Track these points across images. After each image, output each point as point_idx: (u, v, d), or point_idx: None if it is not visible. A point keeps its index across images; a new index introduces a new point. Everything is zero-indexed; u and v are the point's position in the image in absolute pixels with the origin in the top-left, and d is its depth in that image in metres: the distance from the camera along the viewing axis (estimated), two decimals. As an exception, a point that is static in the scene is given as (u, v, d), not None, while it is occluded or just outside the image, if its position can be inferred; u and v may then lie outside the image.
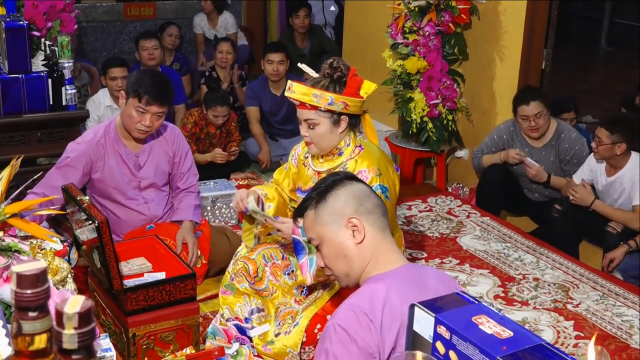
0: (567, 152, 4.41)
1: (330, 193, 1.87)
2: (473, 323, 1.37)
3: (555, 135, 4.44)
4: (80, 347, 1.01)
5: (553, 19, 4.73)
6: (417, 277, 1.82)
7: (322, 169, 2.88)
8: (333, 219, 1.85)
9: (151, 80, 3.27)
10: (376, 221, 1.86)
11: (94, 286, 3.08)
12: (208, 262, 3.57)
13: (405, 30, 4.81)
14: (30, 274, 1.01)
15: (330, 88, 2.76)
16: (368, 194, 1.89)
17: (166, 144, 3.53)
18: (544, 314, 3.56)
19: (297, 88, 2.77)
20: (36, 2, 3.79)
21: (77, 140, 3.42)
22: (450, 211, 4.70)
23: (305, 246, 2.75)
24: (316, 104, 2.74)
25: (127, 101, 3.28)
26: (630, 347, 3.31)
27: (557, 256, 4.12)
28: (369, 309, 1.71)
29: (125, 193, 3.46)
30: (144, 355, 2.79)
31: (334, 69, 2.77)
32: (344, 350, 1.69)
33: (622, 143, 4.01)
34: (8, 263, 1.99)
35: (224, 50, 5.95)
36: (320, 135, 2.81)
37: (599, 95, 8.14)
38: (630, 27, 10.82)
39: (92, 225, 2.62)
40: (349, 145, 2.85)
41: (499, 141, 4.60)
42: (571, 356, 1.30)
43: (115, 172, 3.41)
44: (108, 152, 3.39)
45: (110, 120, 3.49)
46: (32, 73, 3.70)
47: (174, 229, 3.53)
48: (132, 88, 3.25)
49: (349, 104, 2.75)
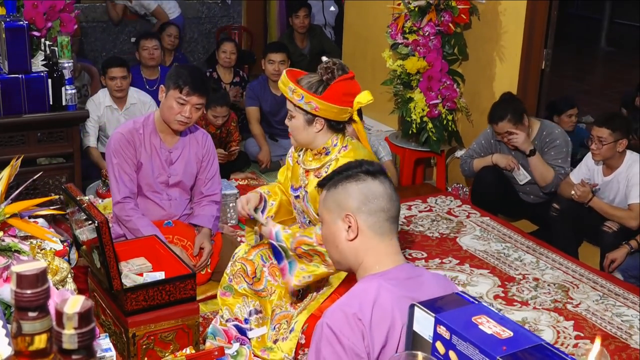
0: (548, 144, 4.41)
1: (343, 182, 1.86)
2: (473, 323, 1.37)
3: (537, 135, 4.45)
4: (80, 347, 1.01)
5: (553, 19, 4.73)
6: (411, 278, 1.82)
7: (311, 167, 2.90)
8: (334, 208, 1.86)
9: (190, 73, 3.40)
10: (375, 224, 1.84)
11: (94, 286, 3.07)
12: (212, 272, 3.62)
13: (405, 30, 4.81)
14: (30, 274, 1.01)
15: (313, 87, 2.75)
16: (378, 196, 1.84)
17: (197, 145, 3.61)
18: (543, 314, 3.56)
19: (282, 77, 2.80)
20: (36, 2, 3.79)
21: (119, 130, 3.52)
22: (450, 211, 4.70)
23: (281, 251, 2.77)
24: (289, 97, 2.76)
25: (167, 94, 3.38)
26: (630, 347, 3.31)
27: (557, 256, 4.12)
28: (358, 308, 1.72)
29: (151, 185, 3.55)
30: (144, 355, 2.78)
31: (325, 70, 2.76)
32: (331, 350, 1.71)
33: (624, 139, 4.02)
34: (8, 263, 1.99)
35: (228, 50, 5.95)
36: (295, 128, 2.85)
37: (599, 95, 8.14)
38: (630, 27, 10.82)
39: (92, 226, 2.62)
40: (336, 145, 2.86)
41: (486, 145, 4.62)
42: (571, 356, 1.30)
43: (147, 164, 3.50)
44: (145, 143, 3.48)
45: (150, 113, 3.58)
46: (32, 73, 3.70)
47: (191, 232, 3.60)
48: (172, 80, 3.36)
49: (319, 107, 2.72)
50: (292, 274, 2.75)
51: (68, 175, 3.92)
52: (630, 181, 4.04)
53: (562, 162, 4.38)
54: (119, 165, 3.44)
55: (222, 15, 7.43)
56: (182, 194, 3.65)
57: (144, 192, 3.56)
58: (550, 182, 4.36)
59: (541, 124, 4.48)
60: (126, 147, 3.44)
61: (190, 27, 7.23)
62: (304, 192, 2.90)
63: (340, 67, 2.75)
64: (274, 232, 2.81)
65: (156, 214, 3.58)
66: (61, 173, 3.92)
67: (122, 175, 3.44)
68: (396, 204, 1.87)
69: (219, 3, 7.38)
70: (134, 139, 3.46)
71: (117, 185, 3.45)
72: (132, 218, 3.42)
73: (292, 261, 2.77)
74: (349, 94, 2.75)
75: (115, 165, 3.45)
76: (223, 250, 3.63)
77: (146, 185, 3.55)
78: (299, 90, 2.73)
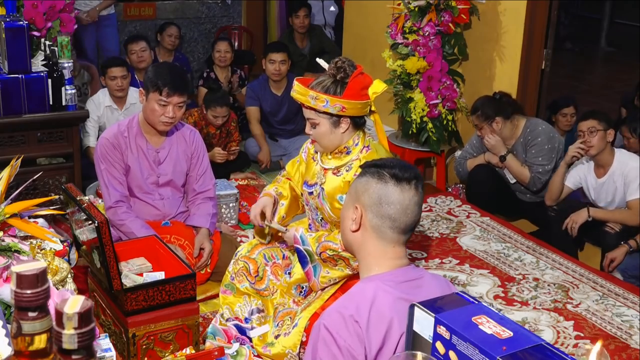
0: (530, 142, 4.43)
1: (368, 175, 1.84)
2: (473, 323, 1.37)
3: (522, 132, 4.47)
4: (80, 347, 1.01)
5: (553, 19, 4.73)
6: (409, 280, 1.82)
7: (329, 166, 2.88)
8: (353, 194, 1.88)
9: (169, 72, 3.35)
10: (379, 228, 1.82)
11: (94, 286, 3.07)
12: (212, 272, 3.61)
13: (405, 31, 4.81)
14: (30, 274, 1.01)
15: (331, 89, 2.74)
16: (392, 203, 1.79)
17: (185, 143, 3.59)
18: (543, 314, 3.56)
19: (297, 88, 2.77)
20: (36, 3, 3.79)
21: (104, 135, 3.50)
22: (450, 211, 4.70)
23: (307, 254, 2.78)
24: (313, 106, 2.74)
25: (148, 97, 3.35)
26: (630, 347, 3.31)
27: (557, 256, 4.12)
28: (355, 310, 1.73)
29: (141, 187, 3.54)
30: (144, 355, 2.78)
31: (338, 69, 2.75)
32: (327, 351, 1.72)
33: (611, 129, 4.05)
34: (8, 263, 1.99)
35: (222, 49, 5.95)
36: (321, 135, 2.81)
37: (599, 95, 8.14)
38: (630, 27, 10.83)
39: (92, 226, 2.62)
40: (357, 144, 2.84)
41: (478, 145, 4.67)
42: (571, 356, 1.30)
43: (135, 166, 3.49)
44: (131, 145, 3.46)
45: (134, 116, 3.56)
46: (32, 73, 3.70)
47: (189, 231, 3.60)
48: (151, 82, 3.32)
49: (346, 107, 2.72)
50: (317, 277, 2.80)
51: (68, 175, 3.92)
52: (627, 177, 4.03)
53: (543, 160, 4.38)
54: (107, 170, 3.43)
55: (222, 15, 7.43)
56: (174, 192, 3.63)
57: (135, 194, 3.55)
58: (529, 181, 4.40)
59: (526, 121, 4.49)
60: (112, 152, 3.42)
61: (190, 27, 7.22)
62: (319, 189, 2.89)
63: (350, 63, 2.77)
64: (298, 236, 2.83)
65: (151, 214, 3.57)
66: (61, 173, 3.92)
67: (111, 180, 3.43)
68: (411, 217, 1.82)
69: (219, 3, 7.38)
70: (119, 142, 3.43)
71: (108, 191, 3.44)
72: (125, 222, 3.40)
73: (316, 265, 2.81)
74: (365, 87, 2.77)
75: (103, 171, 3.43)
76: (222, 250, 3.63)
77: (137, 187, 3.53)
78: (322, 96, 2.71)
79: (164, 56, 6.25)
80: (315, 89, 2.73)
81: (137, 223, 3.41)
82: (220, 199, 4.33)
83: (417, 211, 1.84)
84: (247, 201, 4.64)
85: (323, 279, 2.80)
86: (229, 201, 4.37)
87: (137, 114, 3.54)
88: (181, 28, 6.65)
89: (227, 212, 4.38)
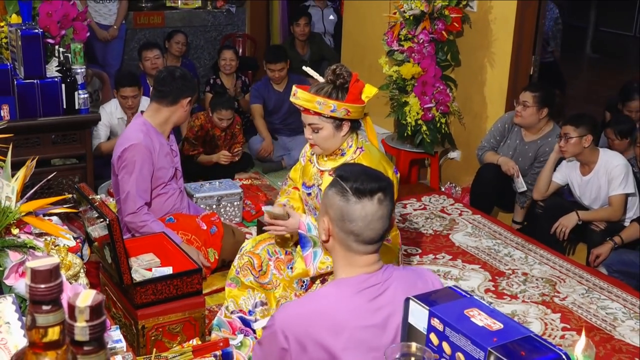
0: (544, 155, 4.40)
1: (333, 190, 1.76)
2: (465, 316, 1.37)
3: (545, 135, 4.44)
4: (92, 339, 1.01)
5: (541, 27, 4.72)
6: (374, 285, 1.77)
7: (325, 168, 2.88)
8: (322, 205, 1.83)
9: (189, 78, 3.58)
10: (345, 241, 1.76)
11: (105, 280, 3.07)
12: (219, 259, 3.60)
13: (400, 38, 4.80)
14: (44, 270, 1.00)
15: (333, 95, 2.74)
16: (354, 219, 1.72)
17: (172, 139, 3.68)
18: (532, 307, 3.55)
19: (301, 95, 2.76)
20: (50, 11, 3.79)
21: (134, 142, 3.39)
22: (443, 209, 4.69)
23: (310, 240, 2.75)
24: (320, 111, 2.73)
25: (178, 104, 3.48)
26: (614, 338, 3.31)
27: (544, 252, 4.11)
28: (309, 309, 1.76)
29: (165, 182, 3.55)
30: (153, 346, 2.78)
31: (337, 76, 2.74)
32: (269, 340, 1.79)
33: (588, 135, 4.01)
34: (23, 259, 1.99)
35: (227, 58, 5.96)
36: (323, 139, 2.80)
37: (584, 100, 8.12)
38: (614, 35, 10.82)
39: (104, 223, 2.62)
40: (351, 146, 2.84)
41: (496, 133, 4.61)
42: (558, 347, 1.30)
43: (163, 163, 3.50)
44: (155, 147, 3.46)
45: (137, 119, 3.54)
46: (46, 78, 3.70)
47: (193, 223, 3.58)
48: (188, 90, 3.49)
49: (350, 110, 2.74)
50: (315, 262, 2.73)
51: (81, 175, 3.91)
52: (610, 174, 4.02)
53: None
54: (138, 179, 3.37)
55: (227, 23, 7.42)
56: (181, 183, 3.70)
57: (159, 191, 3.54)
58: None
59: (554, 127, 4.45)
60: (149, 158, 3.41)
61: (196, 34, 7.21)
62: (317, 190, 2.89)
63: (346, 69, 2.77)
64: (304, 223, 2.77)
65: (168, 206, 3.58)
66: (74, 173, 3.91)
67: (140, 186, 3.39)
68: (375, 231, 1.73)
69: (224, 12, 7.37)
70: (152, 143, 3.43)
71: (135, 198, 3.37)
72: (147, 222, 3.40)
73: (317, 251, 2.75)
74: (362, 92, 2.79)
75: (133, 179, 3.36)
76: (224, 239, 3.62)
77: (162, 184, 3.53)
78: (330, 101, 2.71)
79: (171, 62, 6.24)
80: (320, 94, 2.73)
81: (157, 224, 3.42)
82: (225, 197, 4.34)
83: (381, 225, 1.73)
84: (251, 200, 4.64)
85: (322, 265, 2.74)
86: (234, 200, 4.37)
87: (143, 118, 3.50)
88: (188, 35, 6.65)
89: (231, 210, 4.38)
